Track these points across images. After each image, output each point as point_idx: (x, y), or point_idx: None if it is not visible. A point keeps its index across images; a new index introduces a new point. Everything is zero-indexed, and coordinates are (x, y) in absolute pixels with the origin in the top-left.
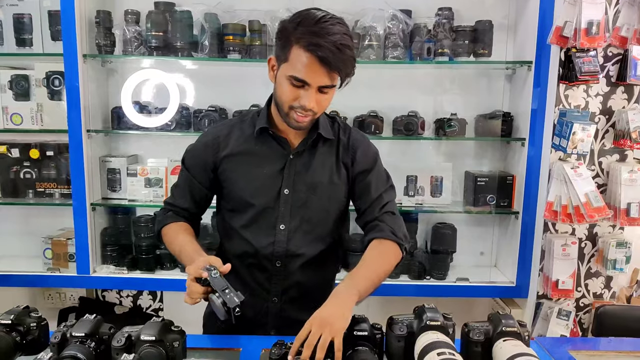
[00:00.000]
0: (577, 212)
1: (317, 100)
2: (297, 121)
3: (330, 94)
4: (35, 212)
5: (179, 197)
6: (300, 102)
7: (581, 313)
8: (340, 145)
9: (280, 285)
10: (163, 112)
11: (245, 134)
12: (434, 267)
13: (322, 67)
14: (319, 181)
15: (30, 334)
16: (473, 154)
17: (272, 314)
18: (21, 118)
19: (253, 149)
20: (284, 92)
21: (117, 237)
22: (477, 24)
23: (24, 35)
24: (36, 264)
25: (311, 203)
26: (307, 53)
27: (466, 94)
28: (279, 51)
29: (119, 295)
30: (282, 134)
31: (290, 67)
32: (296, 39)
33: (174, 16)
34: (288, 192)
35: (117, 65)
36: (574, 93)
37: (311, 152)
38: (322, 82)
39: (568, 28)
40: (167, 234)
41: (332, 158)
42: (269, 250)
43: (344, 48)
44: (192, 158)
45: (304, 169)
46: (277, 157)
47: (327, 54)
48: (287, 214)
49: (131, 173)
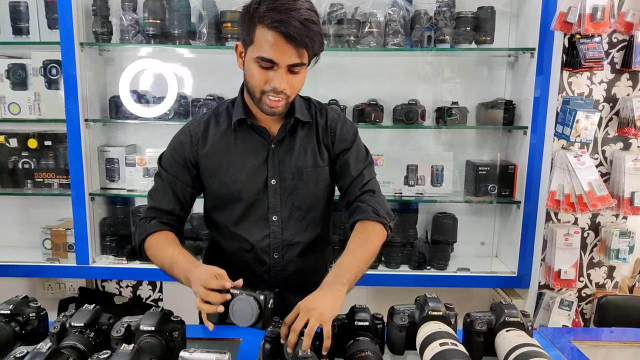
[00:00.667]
0: (580, 201)
1: (289, 81)
2: (270, 106)
3: (302, 75)
4: (34, 202)
5: (160, 200)
6: (271, 84)
7: (583, 303)
8: (319, 127)
9: (281, 276)
10: (161, 101)
11: (222, 128)
12: (435, 257)
13: (288, 44)
14: (304, 166)
15: (30, 324)
16: (474, 143)
17: (275, 304)
18: (19, 107)
19: (233, 142)
20: (253, 76)
21: (116, 227)
22: (479, 11)
23: (20, 23)
24: (35, 254)
25: (299, 190)
26: (271, 31)
27: (467, 82)
28: (244, 35)
29: (118, 286)
30: (260, 123)
31: (257, 49)
32: (259, 18)
33: (171, 4)
34: (275, 182)
35: (114, 53)
36: (578, 80)
37: (292, 138)
38: (290, 61)
39: (572, 14)
40: (151, 246)
41: (313, 141)
42: (265, 243)
43: (308, 23)
44: (170, 158)
45: (287, 156)
46: (258, 148)
47: (292, 30)
48: (278, 204)
49: (130, 163)
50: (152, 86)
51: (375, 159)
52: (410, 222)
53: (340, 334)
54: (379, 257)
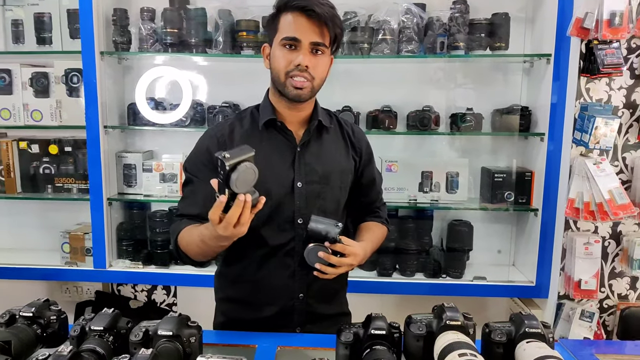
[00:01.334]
0: (601, 209)
1: (312, 62)
2: (294, 87)
3: (324, 59)
4: (53, 206)
5: (187, 207)
6: (294, 62)
7: (605, 315)
8: (347, 136)
9: (305, 281)
10: (177, 108)
11: (248, 131)
12: (450, 266)
13: (310, 22)
14: (331, 171)
15: (51, 326)
16: (489, 150)
17: (298, 310)
18: (41, 114)
19: (259, 145)
20: (279, 60)
21: (132, 231)
22: (494, 17)
23: (44, 33)
24: (54, 258)
25: (325, 194)
26: (294, 12)
27: (482, 88)
28: (269, 34)
29: (133, 290)
30: (287, 125)
31: (281, 33)
32: (282, 9)
33: (188, 13)
34: (301, 185)
35: (132, 62)
36: (596, 86)
37: (318, 143)
38: (312, 38)
39: (589, 19)
40: (182, 238)
41: (341, 148)
42: (290, 247)
43: (329, 7)
44: (196, 164)
45: (314, 160)
46: (284, 151)
47: (313, 6)
48: (304, 206)
49: (146, 168)
50: (169, 93)
51: (389, 165)
52: (425, 229)
53: (356, 342)
54: (393, 265)
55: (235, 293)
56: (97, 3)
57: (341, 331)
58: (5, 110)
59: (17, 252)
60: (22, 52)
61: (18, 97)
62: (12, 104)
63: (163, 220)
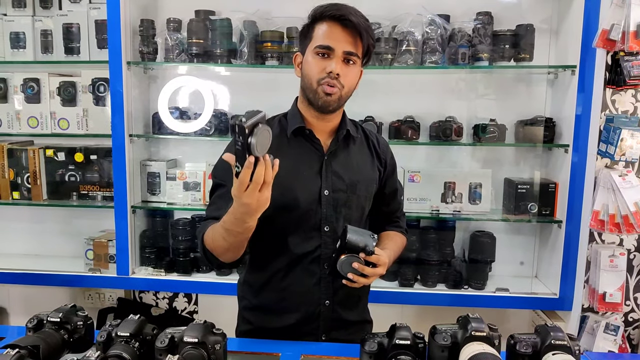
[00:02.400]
0: (626, 221)
1: (343, 71)
2: (325, 92)
3: (356, 70)
4: (78, 213)
5: (215, 210)
6: (326, 70)
7: (630, 328)
8: (373, 146)
9: (331, 288)
10: (200, 117)
11: (276, 139)
12: (472, 277)
13: (343, 31)
14: (357, 180)
15: (77, 332)
16: (512, 161)
17: (324, 317)
18: (68, 123)
19: (288, 152)
20: (311, 67)
21: (155, 239)
22: (518, 28)
23: (72, 44)
24: (78, 264)
25: (351, 202)
26: (328, 21)
27: (506, 99)
28: (302, 43)
29: (155, 297)
30: (315, 134)
31: (315, 42)
32: (317, 18)
33: (213, 24)
34: (328, 193)
35: (158, 71)
36: (622, 98)
37: (345, 152)
38: (346, 47)
39: (615, 31)
40: (208, 236)
41: (367, 158)
42: (317, 254)
43: (363, 18)
44: (224, 170)
45: (341, 168)
46: (312, 159)
47: (347, 16)
48: (332, 214)
49: (170, 177)
50: (194, 103)
51: (412, 176)
52: (447, 240)
53: (380, 352)
54: (414, 276)
55: (260, 301)
56: (125, 14)
57: (365, 341)
58: (33, 119)
59: (42, 258)
60: (51, 61)
61: (46, 106)
62: (40, 113)
63: (186, 228)
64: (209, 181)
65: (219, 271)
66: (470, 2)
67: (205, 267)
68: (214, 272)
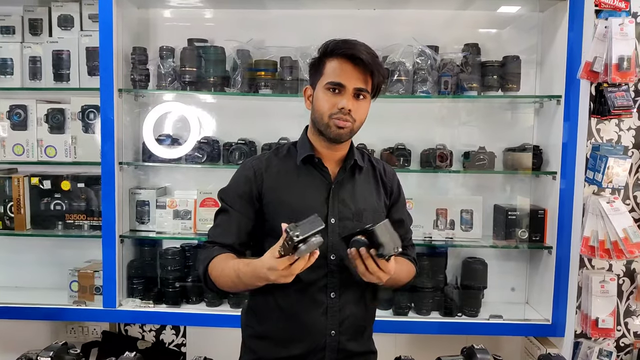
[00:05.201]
0: (616, 247)
1: (354, 105)
2: (337, 126)
3: (366, 105)
4: (63, 243)
5: (219, 236)
6: (338, 105)
7: (622, 354)
8: (379, 174)
9: (337, 318)
10: (185, 144)
11: (285, 166)
12: (466, 304)
13: (355, 69)
14: (364, 208)
15: None
16: (501, 188)
17: (330, 348)
18: (55, 150)
19: (296, 180)
20: (322, 103)
21: (143, 269)
22: (505, 59)
23: (61, 70)
24: (62, 297)
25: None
26: (340, 58)
27: (494, 127)
28: (313, 76)
29: (141, 330)
30: (323, 162)
31: (326, 78)
32: (328, 55)
33: (207, 52)
34: (334, 221)
35: (149, 99)
36: (606, 127)
37: (351, 181)
38: (357, 84)
39: (598, 63)
40: (214, 268)
41: (373, 187)
42: (323, 283)
43: (373, 53)
44: (234, 194)
45: (348, 197)
46: (319, 187)
47: (359, 54)
48: (337, 243)
49: (160, 205)
50: (186, 130)
51: None
52: (439, 267)
53: None
54: (408, 304)
55: (265, 329)
56: (117, 41)
57: None
58: (18, 146)
59: (23, 290)
60: (39, 88)
61: (32, 133)
62: (26, 140)
63: (175, 257)
64: (200, 209)
65: (211, 292)
66: (457, 34)
67: (195, 298)
68: (203, 303)
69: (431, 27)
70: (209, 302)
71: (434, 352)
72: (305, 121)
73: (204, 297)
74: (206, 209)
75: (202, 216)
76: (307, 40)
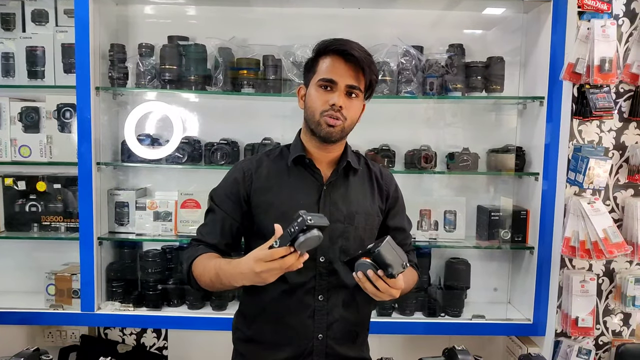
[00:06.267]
0: (596, 247)
1: (346, 103)
2: (328, 124)
3: (358, 103)
4: (39, 246)
5: (206, 235)
6: (329, 102)
7: (600, 352)
8: (375, 178)
9: (325, 321)
10: (168, 144)
11: (276, 167)
12: (449, 304)
13: (347, 66)
14: (356, 211)
15: None
16: (484, 189)
17: (317, 352)
18: (30, 150)
19: (287, 181)
20: (314, 99)
21: (123, 272)
22: (489, 60)
23: (36, 67)
24: (38, 301)
25: (349, 234)
26: (332, 55)
27: (478, 128)
28: (306, 75)
29: (122, 333)
30: (315, 163)
31: (318, 75)
32: (321, 52)
33: (187, 50)
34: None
35: (128, 98)
36: (587, 128)
37: (344, 183)
38: (348, 81)
39: (580, 65)
40: (197, 266)
41: (367, 190)
42: (311, 285)
43: (366, 53)
44: (222, 195)
45: (339, 199)
46: (310, 188)
47: (351, 50)
48: (327, 245)
49: (140, 206)
50: (166, 129)
51: None
52: (423, 267)
53: None
54: (392, 305)
55: (253, 333)
56: (94, 38)
57: None
58: None
59: None
60: (12, 85)
61: (5, 132)
62: None
63: (156, 260)
64: (181, 211)
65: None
66: (441, 35)
67: (176, 301)
68: (185, 306)
69: (416, 27)
70: (191, 304)
71: (417, 352)
72: (289, 121)
73: (186, 300)
74: (187, 210)
75: (183, 217)
76: (291, 39)
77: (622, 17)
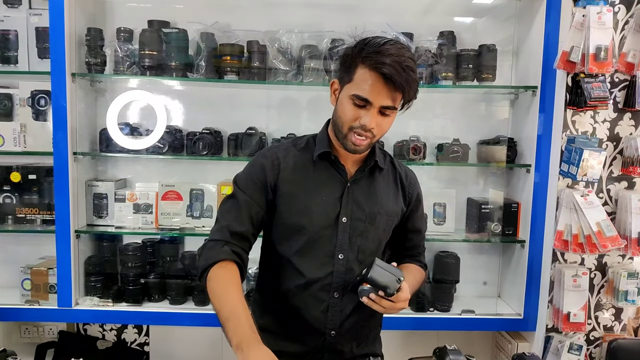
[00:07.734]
0: (589, 241)
1: (378, 122)
2: (354, 144)
3: (391, 118)
4: (13, 239)
5: (233, 221)
6: (360, 121)
7: (592, 347)
8: (400, 179)
9: (338, 318)
10: (151, 134)
11: (302, 159)
12: (438, 299)
13: (385, 87)
14: (377, 211)
15: None
16: (475, 180)
17: (328, 348)
18: (2, 139)
19: (311, 174)
20: (346, 112)
21: (102, 266)
22: (481, 48)
23: (8, 52)
24: (13, 296)
25: (368, 233)
26: (372, 72)
27: (469, 119)
28: (343, 73)
29: (102, 329)
30: (340, 160)
31: (354, 87)
32: (362, 59)
33: (168, 36)
34: (346, 220)
35: (106, 85)
36: (581, 119)
37: (369, 181)
38: (384, 102)
39: (575, 53)
40: (214, 278)
41: (391, 191)
42: (328, 281)
43: (408, 69)
44: (248, 180)
45: (363, 197)
46: (334, 184)
47: (392, 72)
48: (346, 242)
49: (119, 198)
50: (146, 119)
51: None
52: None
53: None
54: None
55: (265, 322)
56: (70, 21)
57: None
58: None
59: None
60: None
61: None
62: None
63: (136, 253)
64: (161, 202)
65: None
66: (432, 22)
67: (157, 296)
68: (167, 301)
69: (406, 13)
70: (173, 299)
71: (407, 348)
72: (274, 111)
73: (167, 295)
74: (168, 202)
75: (164, 210)
76: (277, 25)
77: (618, 4)
